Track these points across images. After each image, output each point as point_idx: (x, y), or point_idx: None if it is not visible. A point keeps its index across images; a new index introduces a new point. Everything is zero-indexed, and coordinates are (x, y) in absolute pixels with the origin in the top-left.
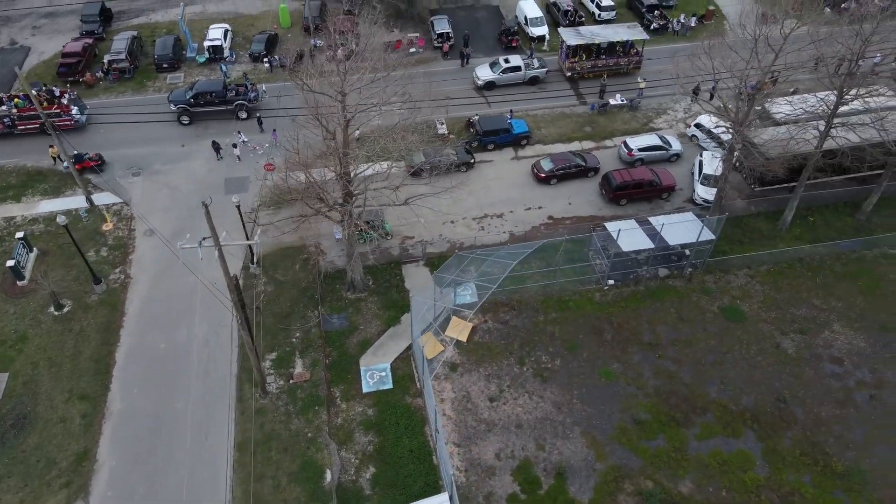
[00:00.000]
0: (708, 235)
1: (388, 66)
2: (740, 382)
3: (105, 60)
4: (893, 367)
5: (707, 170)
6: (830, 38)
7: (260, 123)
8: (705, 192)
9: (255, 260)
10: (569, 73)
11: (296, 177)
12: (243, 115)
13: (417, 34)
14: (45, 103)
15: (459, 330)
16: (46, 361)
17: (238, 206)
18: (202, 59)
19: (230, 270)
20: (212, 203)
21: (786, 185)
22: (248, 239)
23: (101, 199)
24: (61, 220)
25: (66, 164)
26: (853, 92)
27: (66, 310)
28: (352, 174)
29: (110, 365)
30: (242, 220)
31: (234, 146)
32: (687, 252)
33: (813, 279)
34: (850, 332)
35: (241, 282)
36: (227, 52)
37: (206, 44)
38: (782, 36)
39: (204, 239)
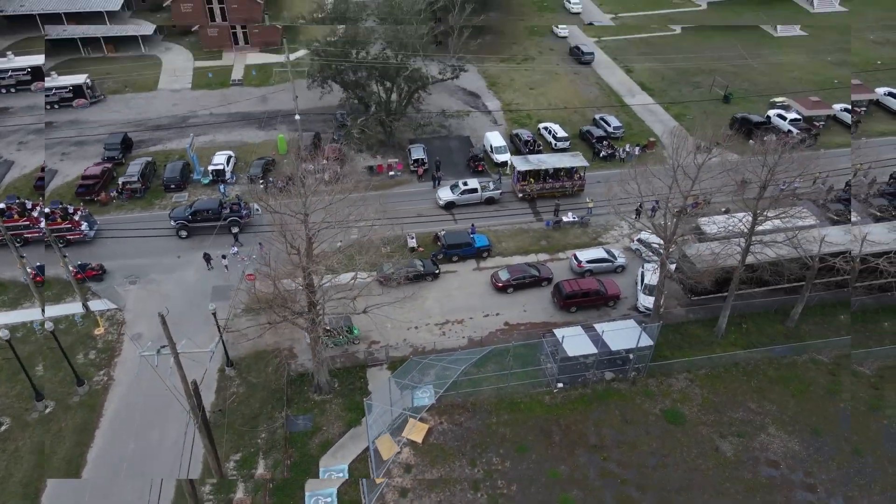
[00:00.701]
0: (647, 341)
1: (345, 189)
2: (681, 486)
3: (119, 182)
4: (827, 471)
5: (648, 280)
6: (739, 168)
7: (236, 238)
8: (647, 301)
9: (229, 362)
10: (520, 195)
11: (266, 287)
12: (236, 229)
13: (397, 159)
14: (16, 215)
15: (413, 431)
16: None
17: (214, 313)
18: (206, 181)
19: (204, 372)
20: (169, 313)
21: (718, 294)
22: (224, 343)
23: (98, 305)
24: (4, 334)
25: (24, 277)
26: (766, 213)
27: (2, 429)
28: (315, 285)
29: (39, 490)
30: (218, 326)
31: (223, 257)
32: (630, 356)
33: (748, 383)
34: (785, 436)
35: (215, 384)
36: (228, 175)
37: (210, 168)
38: (696, 166)
39: (163, 347)
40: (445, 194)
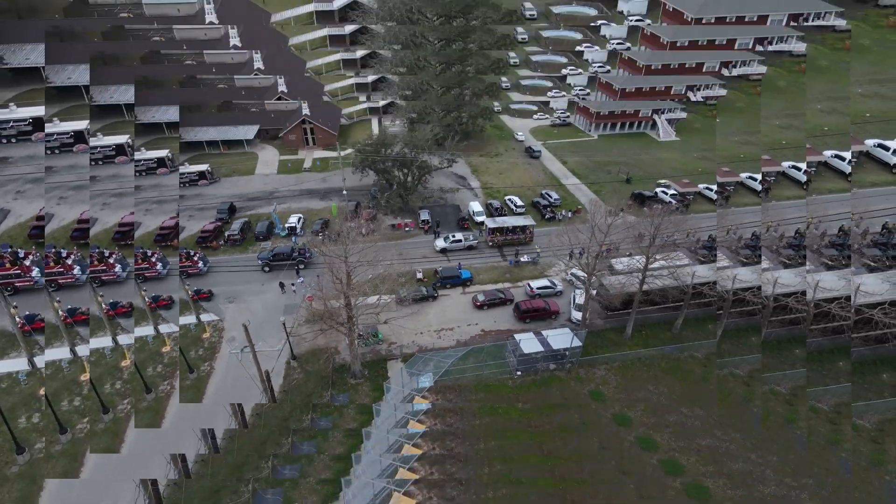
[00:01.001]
0: (577, 343)
1: (374, 239)
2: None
3: (226, 234)
4: (701, 434)
5: (578, 301)
6: (636, 226)
7: (297, 273)
8: (577, 315)
9: (293, 357)
10: (490, 244)
11: (320, 305)
12: (301, 267)
13: (410, 220)
14: (7, 264)
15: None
16: None
17: (283, 323)
18: (283, 234)
19: (273, 365)
20: (252, 323)
21: (625, 311)
22: (290, 345)
23: (206, 317)
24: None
25: (12, 326)
26: (655, 256)
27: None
28: (352, 304)
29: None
30: (286, 332)
31: (293, 284)
32: (567, 353)
33: (648, 372)
34: (672, 407)
35: (283, 372)
36: (298, 230)
37: (287, 225)
38: (606, 225)
39: (244, 347)
40: (441, 243)
